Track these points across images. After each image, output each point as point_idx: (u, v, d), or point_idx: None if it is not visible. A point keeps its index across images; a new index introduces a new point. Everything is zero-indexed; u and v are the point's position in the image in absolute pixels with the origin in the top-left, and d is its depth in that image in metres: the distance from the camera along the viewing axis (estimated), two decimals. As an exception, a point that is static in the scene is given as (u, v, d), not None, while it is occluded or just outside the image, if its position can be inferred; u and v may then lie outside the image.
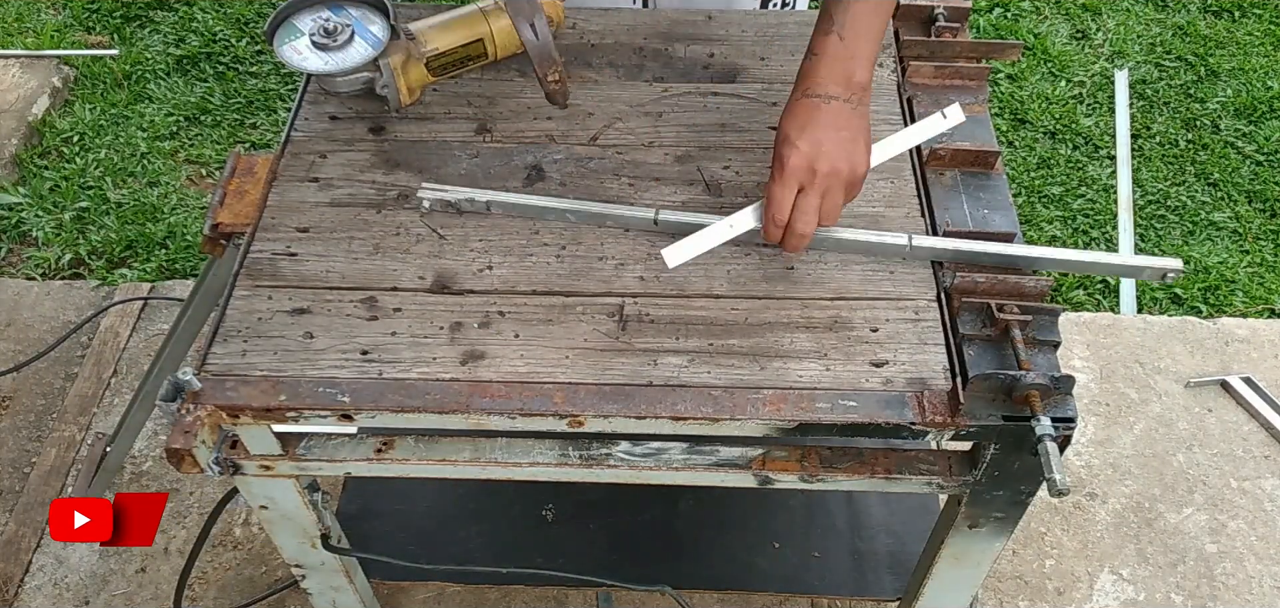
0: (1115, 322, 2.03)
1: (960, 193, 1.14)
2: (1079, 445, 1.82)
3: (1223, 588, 1.65)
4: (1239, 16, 2.82)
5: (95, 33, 2.75)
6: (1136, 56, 2.71)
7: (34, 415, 1.88)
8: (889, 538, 1.55)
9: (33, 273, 2.20)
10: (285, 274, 1.08)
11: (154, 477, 1.78)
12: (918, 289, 1.06)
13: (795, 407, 0.96)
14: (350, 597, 1.35)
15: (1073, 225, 2.32)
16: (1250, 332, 2.00)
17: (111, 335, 1.98)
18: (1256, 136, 2.50)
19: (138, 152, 2.44)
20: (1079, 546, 1.70)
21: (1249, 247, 2.28)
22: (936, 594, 1.24)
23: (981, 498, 1.05)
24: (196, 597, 1.63)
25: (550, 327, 1.03)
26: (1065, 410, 0.92)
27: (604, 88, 1.28)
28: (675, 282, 1.07)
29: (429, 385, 0.98)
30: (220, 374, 0.99)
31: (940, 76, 1.25)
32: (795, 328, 1.02)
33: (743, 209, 1.07)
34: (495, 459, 1.06)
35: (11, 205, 2.31)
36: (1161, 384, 1.91)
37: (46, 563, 1.68)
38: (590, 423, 0.96)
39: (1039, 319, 0.98)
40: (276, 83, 2.63)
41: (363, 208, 1.14)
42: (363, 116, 1.25)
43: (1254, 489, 1.76)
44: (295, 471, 1.08)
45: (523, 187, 1.17)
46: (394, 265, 1.08)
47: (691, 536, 1.55)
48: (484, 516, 1.57)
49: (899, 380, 0.98)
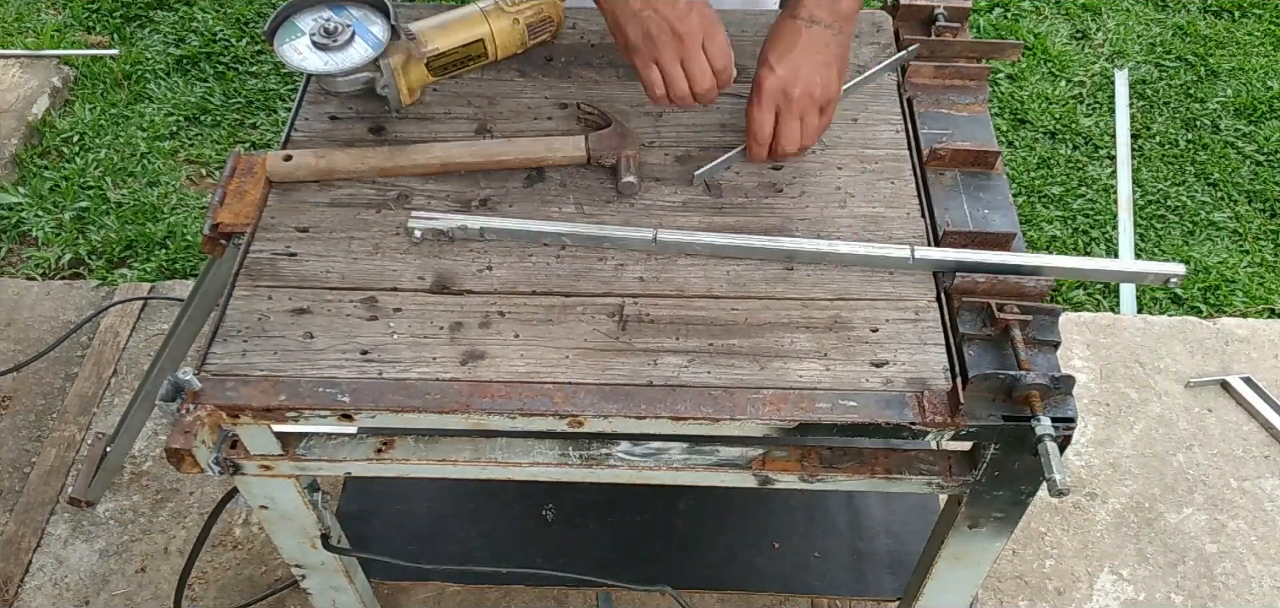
0: (1115, 322, 2.03)
1: (960, 193, 1.14)
2: (1079, 445, 1.82)
3: (1223, 588, 1.65)
4: (1239, 16, 2.82)
5: (95, 33, 2.75)
6: (1136, 56, 2.71)
7: (34, 415, 1.88)
8: (889, 538, 1.55)
9: (33, 273, 2.19)
10: (285, 274, 1.08)
11: (154, 477, 1.78)
12: (918, 289, 1.06)
13: (795, 407, 0.95)
14: (350, 597, 1.34)
15: (1073, 225, 2.32)
16: (1250, 332, 2.00)
17: (111, 335, 1.98)
18: (1256, 136, 2.50)
19: (138, 151, 2.44)
20: (1079, 545, 1.70)
21: (1249, 247, 2.28)
22: (937, 594, 1.24)
23: (981, 498, 1.05)
24: (196, 597, 1.63)
25: (550, 327, 1.02)
26: (1065, 410, 0.92)
27: (604, 88, 1.28)
28: (675, 282, 1.07)
29: (429, 385, 0.98)
30: (220, 374, 0.99)
31: (940, 76, 1.25)
32: (795, 328, 1.02)
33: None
34: (495, 459, 1.06)
35: (11, 205, 2.31)
36: (1161, 384, 1.91)
37: (46, 563, 1.68)
38: (590, 423, 0.96)
39: (1039, 319, 0.98)
40: (277, 83, 2.63)
41: (363, 208, 1.14)
42: (363, 117, 1.24)
43: (1254, 489, 1.76)
44: (295, 470, 1.08)
45: (523, 187, 1.17)
46: (394, 265, 1.08)
47: (691, 536, 1.55)
48: (484, 515, 1.57)
49: (899, 380, 0.98)
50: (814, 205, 1.14)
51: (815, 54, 1.08)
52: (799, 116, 1.10)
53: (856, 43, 1.32)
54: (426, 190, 1.16)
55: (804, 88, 1.08)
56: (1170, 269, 1.04)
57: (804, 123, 1.11)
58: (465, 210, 1.14)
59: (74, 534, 1.71)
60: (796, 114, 1.10)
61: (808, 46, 1.08)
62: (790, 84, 1.08)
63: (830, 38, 1.09)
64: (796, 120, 1.10)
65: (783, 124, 1.11)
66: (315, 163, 1.16)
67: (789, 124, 1.10)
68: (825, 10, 1.09)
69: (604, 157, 1.16)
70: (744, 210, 1.14)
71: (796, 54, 1.08)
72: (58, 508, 1.74)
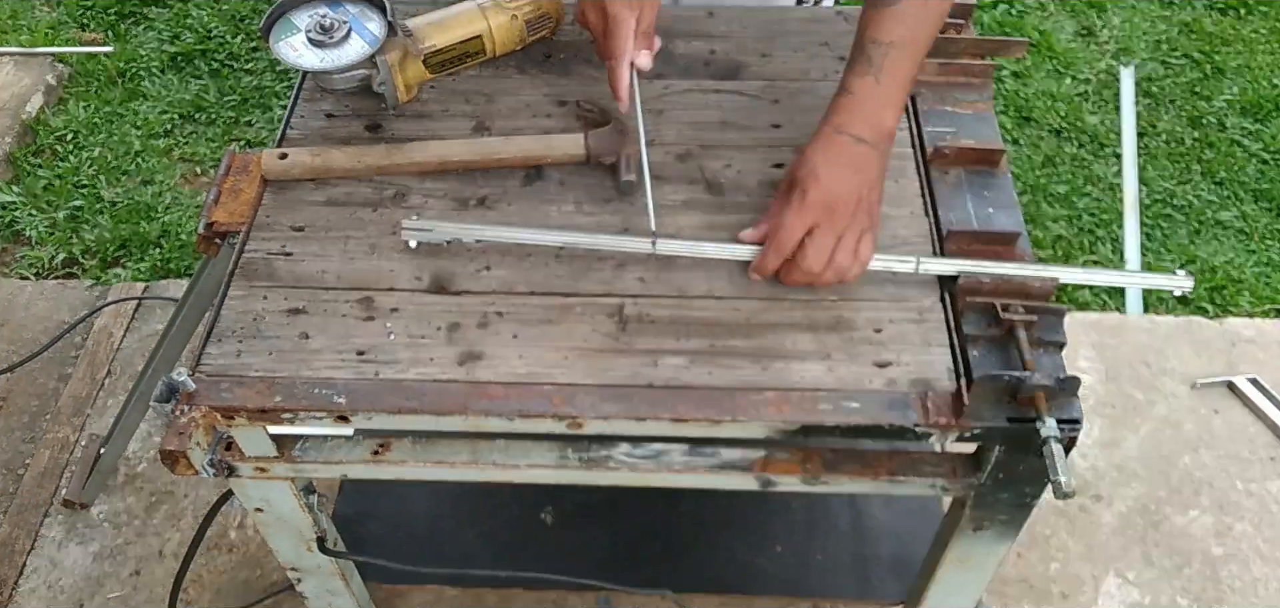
0: (1121, 322, 2.01)
1: (965, 191, 1.12)
2: (1084, 447, 1.81)
3: (1229, 591, 1.64)
4: (1245, 14, 2.81)
5: (89, 30, 2.74)
6: (1142, 54, 2.69)
7: (27, 417, 1.86)
8: (892, 541, 1.54)
9: (26, 272, 2.18)
10: (280, 274, 1.06)
11: (148, 479, 1.76)
12: (921, 290, 1.04)
13: (797, 408, 0.94)
14: (347, 601, 1.33)
15: (1078, 224, 2.31)
16: (1257, 332, 1.98)
17: (105, 336, 1.96)
18: (1263, 135, 2.49)
19: (132, 150, 2.43)
20: (1084, 548, 1.68)
21: (1256, 246, 2.27)
22: (940, 598, 1.22)
23: (986, 501, 1.04)
24: (191, 601, 1.62)
25: (549, 327, 1.01)
26: (1071, 412, 0.91)
27: (603, 85, 1.25)
28: (676, 282, 1.05)
29: (426, 386, 0.96)
30: (215, 375, 0.97)
31: (945, 74, 1.23)
32: (797, 329, 1.01)
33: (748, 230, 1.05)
34: (493, 461, 1.05)
35: (5, 204, 2.30)
36: (1168, 385, 1.90)
37: (40, 566, 1.66)
38: (590, 425, 0.95)
39: (1044, 320, 0.97)
40: (272, 80, 2.62)
41: (359, 207, 1.13)
42: (359, 114, 1.23)
43: (1260, 491, 1.75)
44: (291, 473, 1.06)
45: (521, 185, 1.15)
46: (391, 265, 1.07)
47: (692, 539, 1.54)
48: (482, 518, 1.56)
49: (902, 382, 0.96)
50: (817, 204, 1.12)
51: (861, 173, 0.99)
52: (838, 235, 0.98)
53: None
54: (424, 189, 1.15)
55: (851, 205, 0.97)
56: (1178, 281, 1.03)
57: (842, 243, 0.98)
58: (463, 209, 1.13)
59: (68, 537, 1.69)
60: (837, 232, 0.98)
61: (856, 165, 0.99)
62: (837, 199, 0.97)
63: (875, 158, 1.00)
64: (834, 239, 0.98)
65: (817, 238, 0.98)
66: (311, 161, 1.15)
67: (824, 240, 0.98)
68: (870, 127, 1.00)
69: (603, 154, 1.14)
70: (745, 209, 1.12)
71: (845, 169, 0.98)
72: (52, 510, 1.72)
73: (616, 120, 1.16)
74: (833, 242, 0.98)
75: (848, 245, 0.99)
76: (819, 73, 1.27)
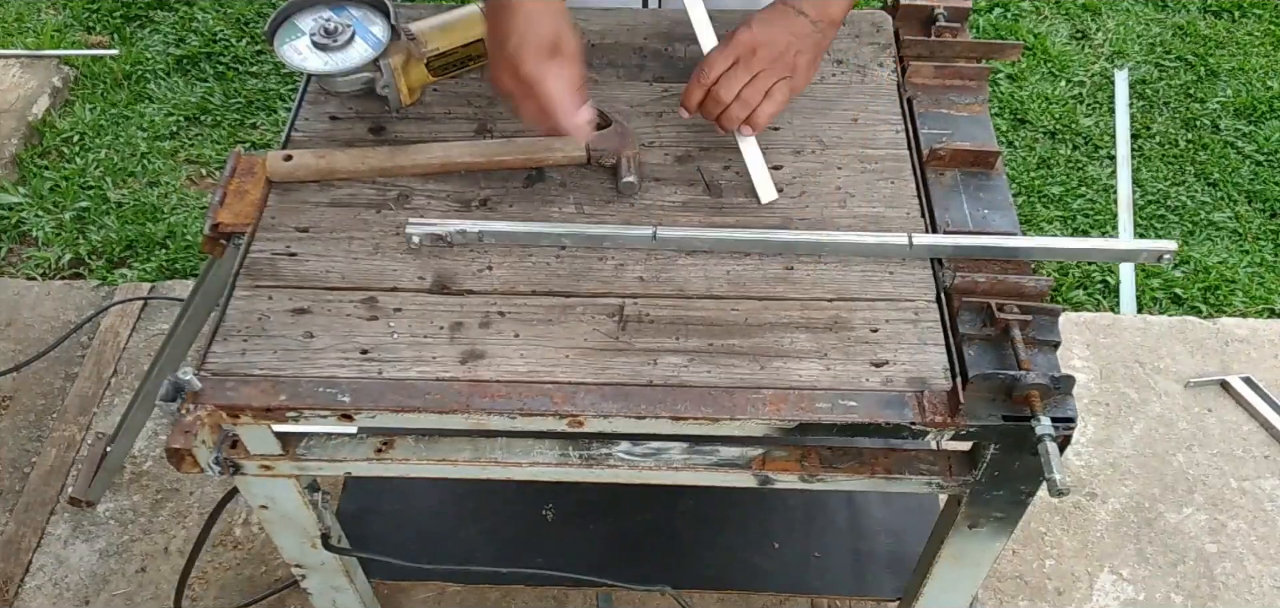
0: (1115, 322, 2.03)
1: (960, 193, 1.14)
2: (1079, 445, 1.82)
3: (1223, 588, 1.65)
4: (1239, 16, 2.82)
5: (95, 32, 2.75)
6: (1136, 56, 2.71)
7: (34, 415, 1.88)
8: (889, 538, 1.55)
9: (33, 273, 2.20)
10: (285, 274, 1.08)
11: (154, 477, 1.78)
12: (917, 289, 1.06)
13: (795, 407, 0.95)
14: (350, 597, 1.34)
15: (1073, 225, 2.32)
16: (1250, 331, 2.00)
17: (111, 335, 1.98)
18: (1256, 136, 2.50)
19: (138, 151, 2.44)
20: (1079, 546, 1.70)
21: (1249, 246, 2.28)
22: (936, 594, 1.24)
23: (981, 498, 1.05)
24: (197, 597, 1.63)
25: (550, 327, 1.02)
26: (1065, 410, 0.92)
27: (604, 88, 1.28)
28: (675, 282, 1.07)
29: (429, 385, 0.98)
30: (220, 374, 0.99)
31: (940, 76, 1.25)
32: (795, 328, 1.02)
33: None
34: (495, 459, 1.06)
35: (12, 205, 2.31)
36: (1161, 384, 1.91)
37: (46, 563, 1.68)
38: (590, 423, 0.96)
39: (1039, 319, 0.98)
40: (277, 83, 2.63)
41: (363, 208, 1.14)
42: (363, 117, 1.24)
43: (1254, 489, 1.76)
44: (295, 470, 1.08)
45: (523, 187, 1.17)
46: (394, 265, 1.08)
47: (691, 536, 1.55)
48: (484, 515, 1.57)
49: (899, 380, 0.98)
50: (814, 205, 1.14)
51: (796, 37, 1.08)
52: (754, 73, 1.07)
53: (856, 43, 1.32)
54: (426, 190, 1.16)
55: (773, 52, 1.07)
56: (1162, 246, 1.05)
57: (755, 82, 1.07)
58: (465, 210, 1.14)
59: (74, 534, 1.71)
60: (754, 69, 1.07)
61: (791, 28, 1.08)
62: (762, 43, 1.06)
63: (812, 31, 1.09)
64: (749, 75, 1.07)
65: (733, 72, 1.07)
66: (315, 163, 1.16)
67: (739, 74, 1.07)
68: (814, 7, 1.09)
69: (604, 156, 1.16)
70: (744, 210, 1.14)
71: (778, 27, 1.07)
72: (58, 508, 1.74)
73: (617, 122, 1.17)
74: (747, 77, 1.06)
75: (760, 85, 1.07)
76: (817, 74, 1.28)
